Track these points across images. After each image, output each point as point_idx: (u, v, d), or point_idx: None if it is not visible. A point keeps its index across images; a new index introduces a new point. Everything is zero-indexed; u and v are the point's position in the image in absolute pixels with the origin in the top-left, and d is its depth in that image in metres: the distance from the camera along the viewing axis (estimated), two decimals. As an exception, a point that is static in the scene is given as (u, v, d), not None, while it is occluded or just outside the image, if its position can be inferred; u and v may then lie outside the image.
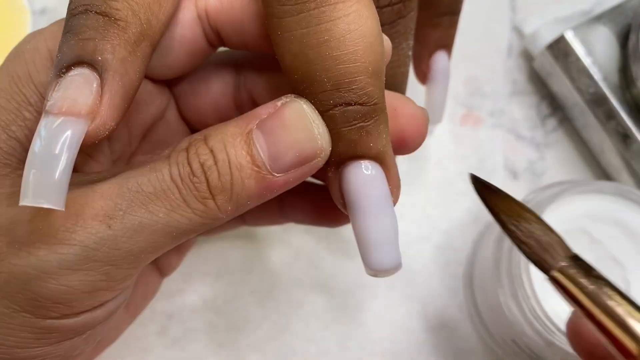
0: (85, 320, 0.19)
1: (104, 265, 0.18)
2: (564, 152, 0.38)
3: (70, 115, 0.16)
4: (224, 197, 0.18)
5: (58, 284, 0.17)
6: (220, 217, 0.18)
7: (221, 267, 0.35)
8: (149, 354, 0.33)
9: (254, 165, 0.18)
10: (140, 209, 0.17)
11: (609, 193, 0.31)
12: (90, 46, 0.17)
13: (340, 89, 0.17)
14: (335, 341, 0.34)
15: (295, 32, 0.17)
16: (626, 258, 0.31)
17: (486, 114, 0.39)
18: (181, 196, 0.18)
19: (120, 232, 0.17)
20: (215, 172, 0.18)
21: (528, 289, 0.28)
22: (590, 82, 0.35)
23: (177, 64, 0.21)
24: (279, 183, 0.18)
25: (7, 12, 0.39)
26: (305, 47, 0.17)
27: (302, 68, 0.18)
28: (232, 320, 0.34)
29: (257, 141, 0.18)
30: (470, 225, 0.36)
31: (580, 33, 0.36)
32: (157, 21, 0.18)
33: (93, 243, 0.17)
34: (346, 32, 0.17)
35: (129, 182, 0.18)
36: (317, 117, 0.18)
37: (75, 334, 0.19)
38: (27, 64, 0.19)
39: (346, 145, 0.18)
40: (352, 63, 0.17)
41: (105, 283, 0.18)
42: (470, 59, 0.40)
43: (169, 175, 0.18)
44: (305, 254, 0.35)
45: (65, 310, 0.18)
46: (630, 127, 0.35)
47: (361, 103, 0.18)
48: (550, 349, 0.29)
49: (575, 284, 0.17)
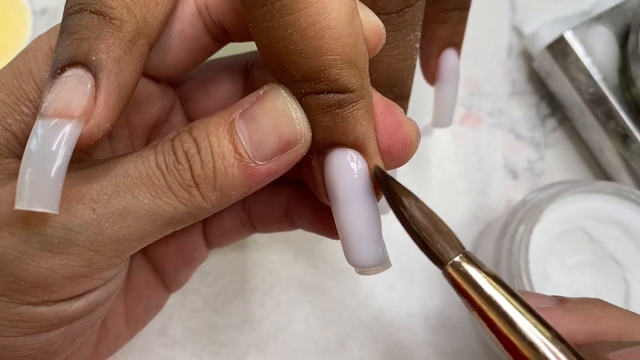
0: (63, 310, 0.18)
1: (86, 250, 0.17)
2: (564, 152, 0.38)
3: (63, 117, 0.16)
4: (207, 185, 0.18)
5: (39, 267, 0.17)
6: (205, 207, 0.18)
7: (221, 267, 0.35)
8: (149, 353, 0.33)
9: (236, 154, 0.18)
10: (126, 193, 0.17)
11: (609, 193, 0.31)
12: (85, 46, 0.17)
13: (310, 81, 0.18)
14: (335, 341, 0.34)
15: (262, 25, 0.17)
16: (626, 258, 0.31)
17: (486, 114, 0.39)
18: (166, 182, 0.18)
19: (104, 216, 0.17)
20: (198, 160, 0.18)
21: (528, 289, 0.28)
22: (589, 82, 0.35)
23: (179, 62, 0.21)
24: (262, 171, 0.18)
25: (8, 13, 0.39)
26: (272, 41, 0.17)
27: (272, 61, 0.18)
28: (232, 320, 0.34)
29: (239, 129, 0.18)
30: (470, 225, 0.36)
31: (580, 33, 0.36)
32: (154, 19, 0.18)
33: (76, 226, 0.17)
34: (309, 24, 0.17)
35: (116, 167, 0.18)
36: (294, 101, 0.18)
37: (52, 325, 0.18)
38: (29, 61, 0.19)
39: (323, 132, 0.18)
40: (317, 56, 0.17)
41: (86, 269, 0.18)
42: (470, 59, 0.40)
43: (154, 161, 0.18)
44: (305, 254, 0.35)
45: (44, 295, 0.17)
46: (630, 127, 0.35)
47: (333, 91, 0.18)
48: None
49: (467, 281, 0.16)
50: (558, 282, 0.30)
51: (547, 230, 0.30)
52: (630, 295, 0.30)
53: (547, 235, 0.30)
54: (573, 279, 0.31)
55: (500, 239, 0.31)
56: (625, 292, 0.30)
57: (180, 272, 0.28)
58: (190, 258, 0.27)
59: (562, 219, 0.31)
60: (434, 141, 0.38)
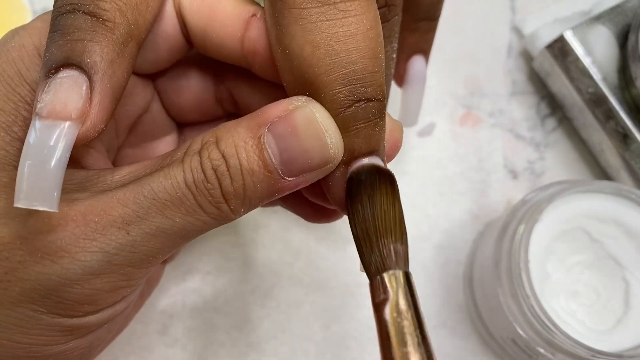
0: (108, 314, 0.20)
1: (124, 267, 0.18)
2: (564, 152, 0.38)
3: (61, 119, 0.16)
4: (236, 201, 0.18)
5: (83, 289, 0.18)
6: (233, 218, 0.19)
7: (221, 266, 0.35)
8: (149, 353, 0.33)
9: (265, 171, 0.18)
10: (157, 215, 0.18)
11: (609, 193, 0.31)
12: (79, 47, 0.17)
13: (364, 83, 0.18)
14: (335, 341, 0.34)
15: (320, 23, 0.17)
16: (626, 258, 0.31)
17: (486, 114, 0.39)
18: (196, 202, 0.18)
19: (139, 237, 0.18)
20: (228, 178, 0.18)
21: (528, 289, 0.28)
22: (589, 82, 0.35)
23: (159, 60, 0.22)
24: (289, 186, 0.18)
25: (7, 12, 0.39)
26: (332, 39, 0.17)
27: (324, 61, 0.18)
28: (232, 320, 0.34)
29: (268, 146, 0.18)
30: (470, 225, 0.36)
31: (580, 33, 0.36)
32: (144, 20, 0.18)
33: (113, 249, 0.18)
34: (370, 27, 0.18)
35: (144, 189, 0.18)
36: (331, 124, 0.18)
37: (99, 326, 0.20)
38: (15, 62, 0.19)
39: (362, 141, 0.18)
40: (373, 58, 0.18)
41: (125, 282, 0.19)
42: (470, 59, 0.40)
43: (183, 182, 0.18)
44: (305, 254, 0.35)
45: (90, 308, 0.19)
46: (630, 127, 0.35)
47: (378, 99, 0.18)
48: (550, 348, 0.29)
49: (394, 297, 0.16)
50: (558, 282, 0.30)
51: (547, 230, 0.30)
52: (630, 295, 0.30)
53: (547, 235, 0.30)
54: (573, 278, 0.31)
55: (500, 239, 0.31)
56: (625, 292, 0.30)
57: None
58: None
59: (562, 218, 0.31)
60: (434, 141, 0.38)
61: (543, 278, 0.30)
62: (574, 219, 0.31)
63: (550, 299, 0.30)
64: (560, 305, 0.30)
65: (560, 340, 0.28)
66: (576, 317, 0.30)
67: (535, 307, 0.28)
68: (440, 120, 0.38)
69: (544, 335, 0.28)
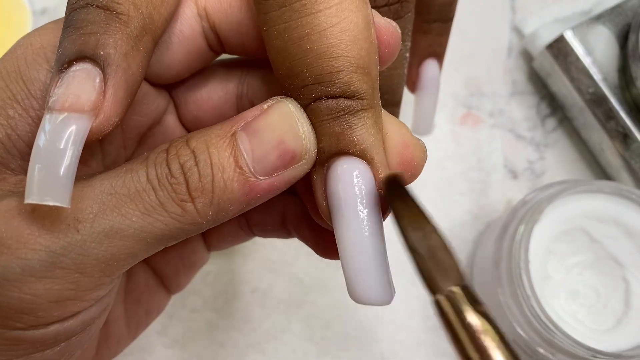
0: (56, 331, 0.17)
1: (72, 272, 0.16)
2: (564, 152, 0.38)
3: (74, 111, 0.16)
4: (204, 200, 0.17)
5: (21, 293, 0.16)
6: (200, 222, 0.17)
7: (221, 267, 0.35)
8: (149, 353, 0.33)
9: (237, 167, 0.17)
10: (113, 212, 0.16)
11: (609, 193, 0.31)
12: (92, 41, 0.16)
13: (322, 83, 0.17)
14: (335, 341, 0.34)
15: (278, 27, 0.17)
16: (626, 258, 0.31)
17: (486, 114, 0.39)
18: (157, 198, 0.17)
19: (90, 236, 0.16)
20: (196, 173, 0.17)
21: (528, 289, 0.28)
22: (589, 82, 0.35)
23: (175, 64, 0.21)
24: (262, 187, 0.17)
25: (7, 12, 0.39)
26: (288, 42, 0.17)
27: (286, 63, 0.17)
28: (232, 320, 0.34)
29: (241, 142, 0.17)
30: (470, 225, 0.36)
31: (580, 33, 0.36)
32: (159, 15, 0.18)
33: (60, 248, 0.16)
34: (328, 25, 0.17)
35: (103, 184, 0.17)
36: (302, 115, 0.18)
37: (46, 346, 0.18)
38: (17, 60, 0.18)
39: (329, 139, 0.17)
40: (333, 57, 0.17)
41: (73, 292, 0.17)
42: (470, 59, 0.40)
43: (145, 176, 0.17)
44: (305, 254, 0.35)
45: (31, 321, 0.17)
46: (630, 127, 0.35)
47: (345, 96, 0.17)
48: (550, 348, 0.29)
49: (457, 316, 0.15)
50: (558, 282, 0.30)
51: (547, 230, 0.30)
52: (631, 295, 0.30)
53: (547, 235, 0.30)
54: (573, 278, 0.31)
55: (500, 239, 0.31)
56: (625, 292, 0.30)
57: (180, 275, 0.27)
58: (190, 262, 0.27)
59: (562, 218, 0.31)
60: (434, 141, 0.38)
61: (543, 278, 0.30)
62: (574, 219, 0.31)
63: (551, 299, 0.30)
64: (560, 305, 0.30)
65: (560, 341, 0.28)
66: (576, 317, 0.30)
67: (536, 307, 0.28)
68: (441, 120, 0.38)
69: (544, 335, 0.28)
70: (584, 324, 0.30)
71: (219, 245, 0.27)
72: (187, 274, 0.27)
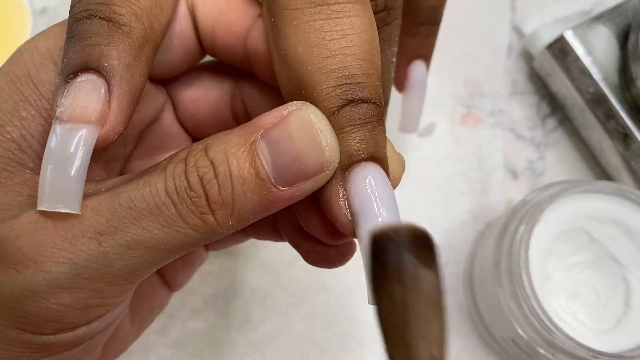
0: (82, 333, 0.18)
1: (96, 282, 0.17)
2: (564, 152, 0.38)
3: (81, 122, 0.16)
4: (224, 212, 0.17)
5: (48, 303, 0.17)
6: (220, 232, 0.17)
7: (221, 267, 0.35)
8: (149, 353, 0.33)
9: (257, 179, 0.17)
10: (133, 225, 0.17)
11: (609, 193, 0.31)
12: (97, 52, 0.17)
13: (359, 84, 0.17)
14: (335, 341, 0.34)
15: (313, 22, 0.17)
16: (626, 258, 0.31)
17: (486, 114, 0.39)
18: (177, 212, 0.17)
19: (112, 249, 0.17)
20: (216, 185, 0.17)
21: (528, 289, 0.28)
22: (589, 81, 0.35)
23: (175, 61, 0.21)
24: (283, 197, 0.17)
25: (7, 12, 0.39)
26: (325, 37, 0.17)
27: (318, 58, 0.17)
28: (232, 320, 0.34)
29: (260, 152, 0.17)
30: (470, 225, 0.36)
31: (580, 33, 0.36)
32: (159, 24, 0.19)
33: (83, 261, 0.17)
34: (363, 30, 0.17)
35: (121, 197, 0.17)
36: (326, 125, 0.17)
37: (73, 346, 0.18)
38: (25, 64, 0.19)
39: (359, 143, 0.17)
40: (368, 60, 0.17)
41: (98, 300, 0.17)
42: (470, 59, 0.40)
43: (163, 189, 0.17)
44: (305, 254, 0.35)
45: (59, 327, 0.17)
46: (630, 127, 0.35)
47: (373, 102, 0.17)
48: (550, 348, 0.29)
49: None
50: (558, 282, 0.30)
51: (547, 230, 0.30)
52: (631, 295, 0.30)
53: (547, 235, 0.30)
54: (573, 278, 0.31)
55: (500, 239, 0.31)
56: (625, 292, 0.30)
57: (179, 273, 0.27)
58: (189, 260, 0.27)
59: (562, 218, 0.31)
60: (434, 141, 0.38)
61: (543, 278, 0.30)
62: (575, 219, 0.31)
63: (551, 299, 0.30)
64: (561, 305, 0.30)
65: (561, 341, 0.28)
66: (576, 317, 0.30)
67: (536, 307, 0.28)
68: (441, 120, 0.38)
69: (544, 335, 0.28)
70: (584, 324, 0.30)
71: (217, 245, 0.27)
72: (186, 272, 0.28)
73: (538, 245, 0.30)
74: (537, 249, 0.30)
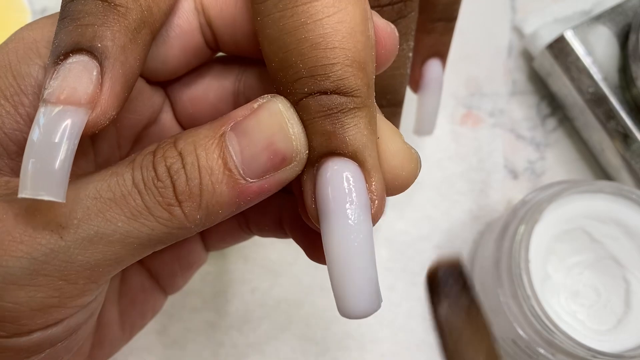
0: (39, 339, 0.17)
1: (55, 280, 0.16)
2: (564, 152, 0.38)
3: (70, 104, 0.15)
4: (192, 203, 0.16)
5: (2, 301, 0.15)
6: (188, 227, 0.17)
7: (221, 266, 0.35)
8: (149, 353, 0.33)
9: (225, 169, 0.16)
10: (97, 217, 0.16)
11: (609, 193, 0.31)
12: (89, 32, 0.16)
13: (316, 76, 0.16)
14: (335, 341, 0.34)
15: (273, 16, 0.17)
16: (626, 258, 0.31)
17: (486, 114, 0.39)
18: (143, 202, 0.16)
19: (73, 243, 0.16)
20: (183, 176, 0.16)
21: (528, 289, 0.28)
22: (590, 82, 0.35)
23: (172, 59, 0.20)
24: (252, 189, 0.17)
25: (7, 12, 0.39)
26: (282, 31, 0.17)
27: (279, 54, 0.17)
28: (231, 320, 0.34)
29: (229, 143, 0.16)
30: (470, 225, 0.36)
31: (580, 33, 0.36)
32: (158, 9, 0.18)
33: (42, 255, 0.15)
34: (324, 14, 0.16)
35: (88, 188, 0.16)
36: (293, 115, 0.17)
37: (30, 353, 0.17)
38: (8, 53, 0.17)
39: (320, 138, 0.17)
40: (329, 47, 0.16)
41: (57, 300, 0.16)
42: (470, 59, 0.40)
43: (130, 179, 0.16)
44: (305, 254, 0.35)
45: (14, 329, 0.16)
46: (630, 127, 0.35)
47: (338, 92, 0.16)
48: (550, 349, 0.29)
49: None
50: (558, 282, 0.30)
51: (547, 230, 0.30)
52: (631, 295, 0.30)
53: (547, 235, 0.30)
54: (573, 279, 0.31)
55: (500, 239, 0.31)
56: (625, 292, 0.30)
57: (177, 276, 0.27)
58: (188, 262, 0.26)
59: (562, 218, 0.31)
60: (434, 141, 0.38)
61: (543, 278, 0.30)
62: (575, 219, 0.31)
63: (551, 299, 0.30)
64: (561, 305, 0.30)
65: (561, 341, 0.28)
66: (576, 317, 0.30)
67: (536, 307, 0.28)
68: (441, 120, 0.38)
69: (544, 335, 0.28)
70: (584, 324, 0.30)
71: (218, 245, 0.27)
72: (184, 275, 0.27)
73: (538, 245, 0.30)
74: (537, 249, 0.30)
